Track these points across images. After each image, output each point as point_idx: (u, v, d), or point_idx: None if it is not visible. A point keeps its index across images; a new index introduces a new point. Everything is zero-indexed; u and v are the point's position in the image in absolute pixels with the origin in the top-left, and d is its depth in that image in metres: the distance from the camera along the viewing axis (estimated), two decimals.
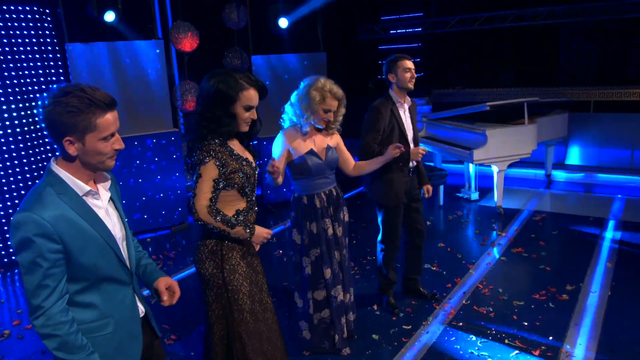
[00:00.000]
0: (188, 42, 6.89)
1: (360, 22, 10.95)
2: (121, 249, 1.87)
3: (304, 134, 3.19)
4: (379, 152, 3.61)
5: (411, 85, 3.70)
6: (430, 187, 4.04)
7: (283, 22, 6.88)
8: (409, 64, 3.69)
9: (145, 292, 2.62)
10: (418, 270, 4.23)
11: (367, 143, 3.67)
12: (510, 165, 6.35)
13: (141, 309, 2.01)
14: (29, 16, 5.39)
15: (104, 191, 1.87)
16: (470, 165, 6.85)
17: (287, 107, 3.24)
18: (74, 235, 1.69)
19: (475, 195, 6.97)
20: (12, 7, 5.25)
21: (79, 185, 1.75)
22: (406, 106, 3.81)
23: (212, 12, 7.14)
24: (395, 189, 3.80)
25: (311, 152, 3.17)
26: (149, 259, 2.18)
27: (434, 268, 4.83)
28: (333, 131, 3.33)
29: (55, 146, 1.74)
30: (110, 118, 1.71)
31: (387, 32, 11.24)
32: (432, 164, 7.59)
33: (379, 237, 4.03)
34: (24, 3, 5.33)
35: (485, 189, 7.27)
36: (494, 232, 5.71)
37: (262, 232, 2.54)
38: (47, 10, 5.57)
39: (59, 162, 1.76)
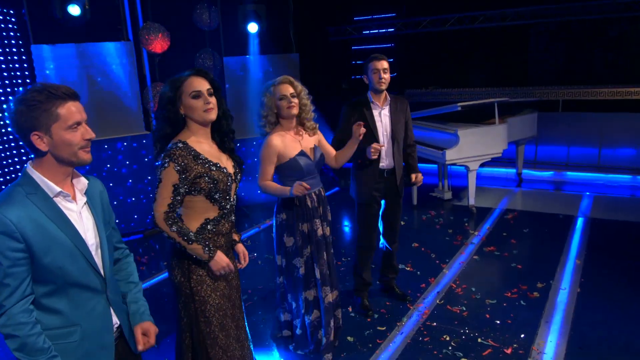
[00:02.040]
0: (159, 44, 6.78)
1: (333, 22, 10.96)
2: (93, 255, 1.83)
3: (285, 132, 3.16)
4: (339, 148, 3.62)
5: (380, 86, 3.68)
6: (420, 175, 3.95)
7: (252, 27, 6.83)
8: (378, 64, 3.67)
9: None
10: (393, 269, 4.26)
11: (335, 139, 3.72)
12: (482, 165, 6.44)
13: (115, 320, 1.94)
14: None
15: (79, 195, 1.84)
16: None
17: (255, 120, 3.25)
18: (38, 236, 1.67)
19: (448, 195, 7.05)
20: None
21: (49, 186, 1.74)
22: (385, 106, 3.80)
23: (183, 13, 7.04)
24: (367, 186, 3.81)
25: (302, 153, 3.16)
26: (138, 294, 2.10)
27: (408, 268, 4.86)
28: (314, 127, 3.30)
29: (28, 149, 1.74)
30: (72, 107, 1.72)
31: (360, 32, 11.27)
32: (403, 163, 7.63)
33: (357, 237, 4.04)
34: None
35: (458, 188, 7.37)
36: (467, 231, 5.78)
37: (222, 261, 2.38)
38: (12, 11, 5.43)
39: (34, 163, 1.75)
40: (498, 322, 3.82)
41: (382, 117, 3.80)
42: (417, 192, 6.86)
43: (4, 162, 5.41)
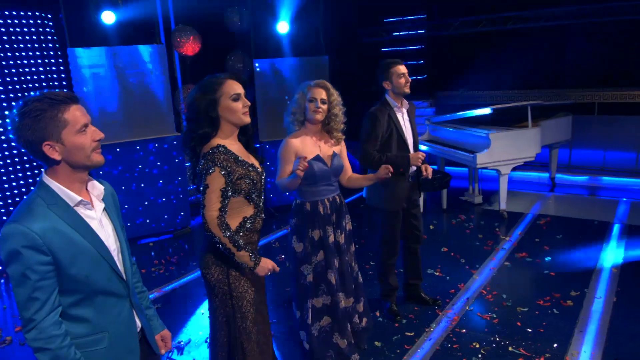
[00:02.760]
0: (190, 46, 6.88)
1: (363, 24, 10.92)
2: (116, 261, 1.84)
3: (307, 135, 3.15)
4: (379, 160, 3.60)
5: (407, 90, 3.68)
6: (429, 167, 3.75)
7: (283, 27, 6.86)
8: (403, 68, 3.67)
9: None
10: (417, 275, 4.20)
11: (366, 151, 3.66)
12: (514, 168, 6.31)
13: (138, 323, 1.97)
14: (31, 21, 5.39)
15: (97, 202, 1.84)
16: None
17: (284, 115, 3.24)
18: (64, 247, 1.66)
19: (478, 199, 6.93)
20: (14, 13, 5.26)
21: (69, 195, 1.73)
22: (404, 110, 3.79)
23: (214, 16, 7.13)
24: (395, 195, 3.78)
25: (317, 158, 3.13)
26: (148, 300, 2.16)
27: (437, 273, 4.79)
28: (340, 138, 3.28)
29: (40, 162, 1.72)
30: (76, 111, 1.69)
31: (389, 34, 11.21)
32: (435, 167, 7.55)
33: (378, 243, 4.00)
34: (26, 8, 5.33)
35: (489, 192, 7.24)
36: (498, 236, 5.67)
37: (268, 264, 2.44)
38: (49, 15, 5.57)
39: (49, 172, 1.73)
40: (530, 330, 3.72)
41: (405, 121, 3.78)
42: (446, 195, 6.76)
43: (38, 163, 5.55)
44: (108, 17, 5.60)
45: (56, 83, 5.66)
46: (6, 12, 5.18)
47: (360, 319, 3.42)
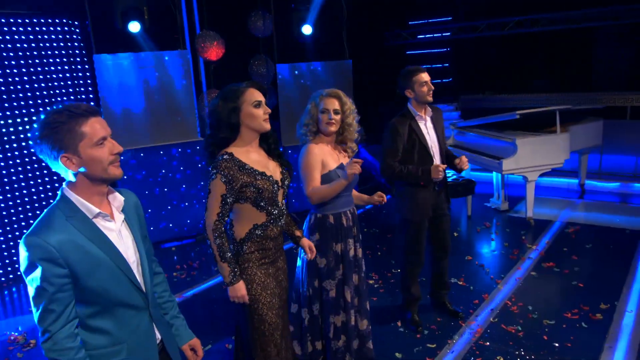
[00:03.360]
0: (214, 51, 6.90)
1: (388, 27, 10.84)
2: (135, 273, 1.83)
3: (324, 144, 3.09)
4: (400, 172, 3.58)
5: (430, 99, 3.61)
6: (463, 157, 3.73)
7: (307, 29, 6.84)
8: (425, 76, 3.59)
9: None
10: (444, 285, 4.12)
11: (387, 163, 3.62)
12: (542, 174, 6.15)
13: (157, 335, 1.96)
14: (58, 28, 5.49)
15: (117, 213, 1.84)
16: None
17: (297, 126, 3.19)
18: (81, 259, 1.66)
19: (504, 205, 6.78)
20: (42, 20, 5.36)
21: (88, 207, 1.73)
22: (427, 118, 3.71)
23: (238, 20, 7.15)
24: (421, 204, 3.71)
25: (341, 167, 3.05)
26: (177, 310, 2.16)
27: (461, 283, 4.69)
28: (354, 149, 3.19)
29: (60, 174, 1.73)
30: (95, 124, 1.69)
31: (414, 37, 11.10)
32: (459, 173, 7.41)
33: (402, 252, 3.93)
34: (53, 16, 5.43)
35: (515, 198, 7.08)
36: (524, 245, 5.53)
37: (238, 291, 2.45)
38: (76, 23, 5.67)
39: (69, 184, 1.74)
40: (556, 344, 3.60)
41: (428, 129, 3.70)
42: (471, 202, 6.63)
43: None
44: (134, 27, 5.66)
45: (82, 89, 5.75)
46: (34, 20, 5.28)
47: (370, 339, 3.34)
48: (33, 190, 5.39)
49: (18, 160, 5.26)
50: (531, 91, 9.34)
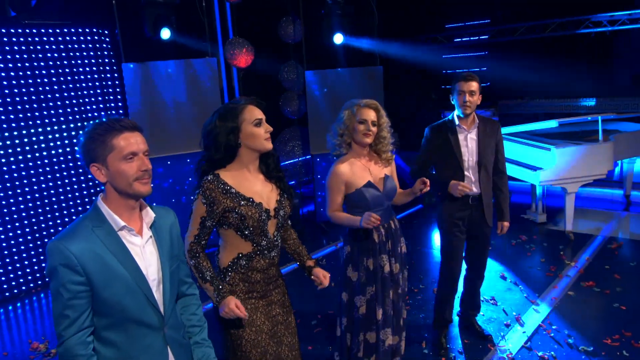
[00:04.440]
0: (243, 58, 6.87)
1: (423, 31, 10.60)
2: (154, 292, 1.81)
3: (355, 158, 2.96)
4: (430, 176, 3.41)
5: (464, 110, 3.39)
6: (506, 224, 3.66)
7: (338, 38, 6.70)
8: (465, 85, 3.36)
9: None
10: (474, 305, 3.90)
11: (414, 169, 3.53)
12: (584, 185, 5.81)
13: (170, 357, 1.89)
14: (89, 38, 5.55)
15: (146, 229, 1.83)
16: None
17: (328, 137, 3.06)
18: (99, 270, 1.68)
19: (542, 218, 6.45)
20: (72, 30, 5.42)
21: (115, 219, 1.75)
22: (472, 129, 3.48)
23: (267, 27, 7.10)
24: (450, 213, 3.52)
25: (369, 185, 2.93)
26: (201, 335, 2.07)
27: (492, 302, 4.45)
28: (390, 159, 3.06)
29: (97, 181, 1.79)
30: (128, 137, 1.72)
31: (451, 40, 10.83)
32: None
33: (440, 269, 3.77)
34: (83, 25, 5.48)
35: (555, 209, 6.72)
36: (562, 261, 5.22)
37: (228, 304, 2.16)
38: (106, 31, 5.71)
39: (103, 196, 1.79)
40: None
41: (469, 142, 3.48)
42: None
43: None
44: (165, 34, 5.66)
45: (111, 97, 5.79)
46: (65, 30, 5.35)
47: (400, 357, 3.19)
48: (62, 197, 5.45)
49: (48, 168, 5.33)
50: (573, 96, 8.95)
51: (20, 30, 5.04)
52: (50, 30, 5.25)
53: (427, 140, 3.50)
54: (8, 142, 5.02)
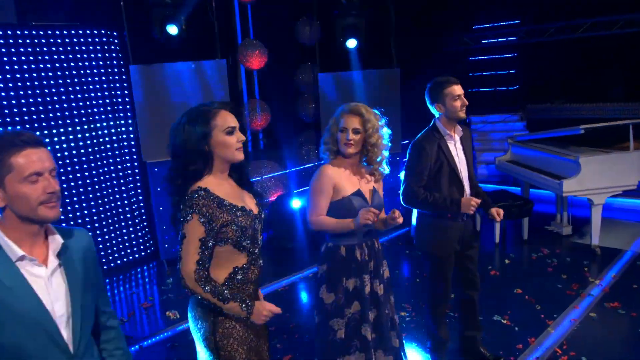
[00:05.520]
0: (256, 60, 6.74)
1: (448, 32, 10.25)
2: (62, 329, 1.59)
3: (343, 167, 2.73)
4: (424, 199, 3.13)
5: (462, 115, 3.16)
6: (500, 210, 3.27)
7: (351, 43, 6.47)
8: (458, 89, 3.15)
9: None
10: (475, 325, 3.60)
11: (410, 188, 3.17)
12: (612, 195, 5.42)
13: None
14: (97, 39, 5.47)
15: (52, 257, 1.60)
16: None
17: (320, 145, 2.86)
18: None
19: (567, 230, 6.06)
20: (80, 31, 5.35)
21: (12, 249, 1.52)
22: (457, 137, 3.26)
23: (282, 29, 6.95)
24: (447, 237, 3.24)
25: (358, 193, 2.69)
26: None
27: (505, 321, 4.14)
28: (380, 175, 2.81)
29: None
30: (30, 154, 1.49)
31: (478, 42, 10.45)
32: (517, 188, 6.78)
33: (427, 291, 3.48)
34: (91, 27, 5.42)
35: (582, 221, 6.30)
36: (586, 279, 4.85)
37: (263, 309, 2.11)
38: (115, 33, 5.64)
39: None
40: None
41: (458, 150, 3.24)
42: (528, 224, 5.97)
43: (101, 179, 5.63)
44: (172, 30, 5.54)
45: (119, 99, 5.71)
46: (72, 31, 5.29)
47: None
48: (67, 200, 5.39)
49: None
50: (607, 100, 8.46)
51: (27, 32, 5.00)
52: (57, 32, 5.19)
53: (422, 152, 3.16)
54: None
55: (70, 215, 5.42)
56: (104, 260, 5.67)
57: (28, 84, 5.03)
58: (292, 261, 5.81)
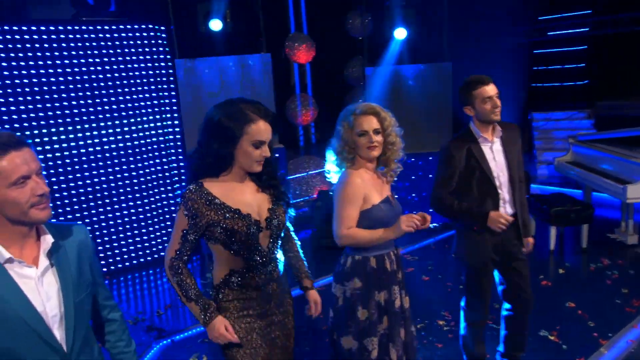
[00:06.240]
0: (303, 54, 6.66)
1: (509, 23, 9.71)
2: (54, 330, 1.55)
3: (365, 171, 2.55)
4: (450, 207, 2.91)
5: (495, 117, 2.87)
6: (531, 241, 3.10)
7: (400, 34, 6.23)
8: (490, 90, 2.85)
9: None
10: (520, 346, 3.30)
11: (438, 195, 2.95)
12: None
13: None
14: (144, 34, 5.56)
15: (42, 257, 1.56)
16: None
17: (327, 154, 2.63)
18: None
19: (633, 239, 5.53)
20: (128, 26, 5.45)
21: None
22: (496, 139, 2.98)
23: (332, 22, 6.83)
24: (480, 246, 2.98)
25: (387, 200, 2.51)
26: None
27: (552, 337, 3.81)
28: (393, 176, 2.59)
29: None
30: (15, 159, 1.44)
31: (544, 34, 9.85)
32: (578, 191, 6.30)
33: (462, 303, 3.24)
34: (139, 22, 5.50)
35: None
36: None
37: (216, 330, 2.03)
38: (162, 28, 5.70)
39: None
40: None
41: (495, 154, 2.95)
42: (588, 231, 5.50)
43: (147, 171, 5.73)
44: (215, 25, 5.55)
45: (165, 93, 5.77)
46: (121, 26, 5.39)
47: None
48: (122, 191, 5.53)
49: (101, 163, 5.42)
50: None
51: (77, 27, 5.14)
52: (106, 27, 5.31)
53: (449, 157, 2.93)
54: (62, 137, 5.15)
55: (116, 207, 5.55)
56: (147, 251, 5.80)
57: (77, 77, 5.17)
58: (330, 260, 5.67)
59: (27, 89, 4.88)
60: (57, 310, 1.57)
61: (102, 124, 5.37)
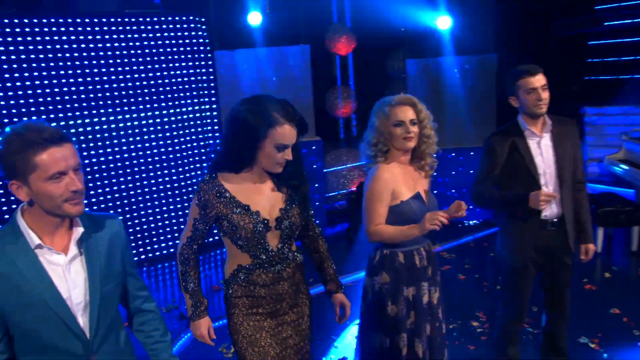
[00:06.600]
0: (343, 45, 6.58)
1: (564, 13, 9.29)
2: (76, 316, 1.60)
3: (397, 165, 2.50)
4: (490, 197, 2.79)
5: (539, 110, 2.72)
6: (591, 247, 2.94)
7: (444, 22, 6.04)
8: (535, 81, 2.69)
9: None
10: (558, 351, 3.12)
11: (478, 190, 2.86)
12: None
13: None
14: (185, 26, 5.62)
15: (72, 246, 1.62)
16: None
17: (360, 147, 2.61)
18: (8, 293, 1.51)
19: None
20: (170, 18, 5.52)
21: (31, 237, 1.55)
22: (545, 134, 2.82)
23: (374, 13, 6.70)
24: (521, 243, 2.84)
25: (417, 196, 2.47)
26: (166, 352, 1.88)
27: (593, 345, 3.62)
28: (430, 171, 2.57)
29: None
30: (54, 153, 1.47)
31: (599, 24, 9.36)
32: (631, 191, 5.96)
33: (500, 302, 3.11)
34: (180, 14, 5.57)
35: None
36: None
37: (197, 329, 2.18)
38: (203, 19, 5.75)
39: (23, 208, 1.59)
40: None
41: (543, 149, 2.79)
42: (639, 233, 5.19)
43: (185, 161, 5.81)
44: (254, 19, 5.56)
45: (204, 85, 5.82)
46: (162, 18, 5.47)
47: None
48: (160, 180, 5.64)
49: (141, 153, 5.54)
50: None
51: (119, 19, 5.26)
52: (148, 19, 5.40)
53: (491, 151, 2.83)
54: (105, 127, 5.29)
55: (155, 197, 5.67)
56: None
57: (120, 69, 5.29)
58: (366, 254, 5.62)
59: (71, 80, 5.04)
60: (83, 298, 1.62)
61: (142, 114, 5.48)
